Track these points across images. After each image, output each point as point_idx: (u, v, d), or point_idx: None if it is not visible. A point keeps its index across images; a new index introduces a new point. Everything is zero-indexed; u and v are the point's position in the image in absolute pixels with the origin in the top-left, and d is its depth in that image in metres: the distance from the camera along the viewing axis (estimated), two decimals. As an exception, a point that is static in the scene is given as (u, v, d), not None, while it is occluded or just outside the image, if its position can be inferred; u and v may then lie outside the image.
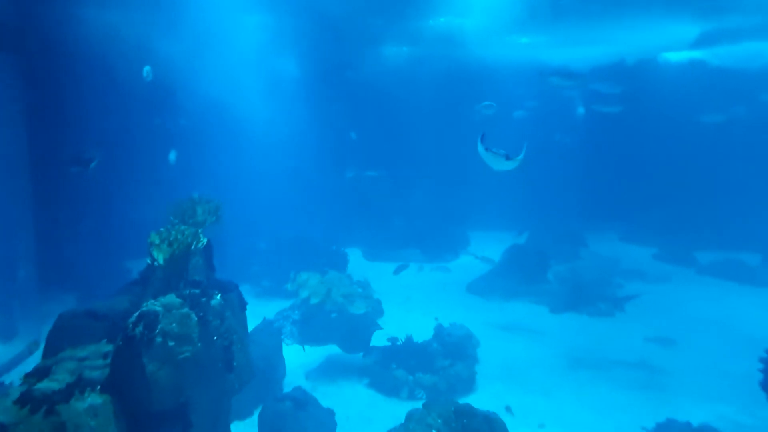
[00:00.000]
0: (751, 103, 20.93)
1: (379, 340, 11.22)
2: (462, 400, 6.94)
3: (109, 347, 5.51)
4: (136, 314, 5.27)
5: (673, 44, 22.18)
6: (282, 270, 14.75)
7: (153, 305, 5.39)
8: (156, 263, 6.11)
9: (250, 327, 7.67)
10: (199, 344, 5.46)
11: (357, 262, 18.70)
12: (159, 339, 5.17)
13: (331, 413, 8.92)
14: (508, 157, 7.51)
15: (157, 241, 6.08)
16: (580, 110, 20.09)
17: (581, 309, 15.01)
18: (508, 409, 9.40)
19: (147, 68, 13.31)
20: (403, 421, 6.48)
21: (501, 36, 21.14)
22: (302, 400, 8.56)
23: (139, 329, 5.13)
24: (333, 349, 11.47)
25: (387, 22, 19.70)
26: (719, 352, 11.94)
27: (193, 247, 6.18)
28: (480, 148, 7.65)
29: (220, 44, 18.37)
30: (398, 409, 8.58)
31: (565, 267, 17.35)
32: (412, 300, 15.42)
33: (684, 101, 21.89)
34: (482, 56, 23.38)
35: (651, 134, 23.12)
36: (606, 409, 9.68)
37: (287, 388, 9.61)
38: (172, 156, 15.12)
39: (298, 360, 11.28)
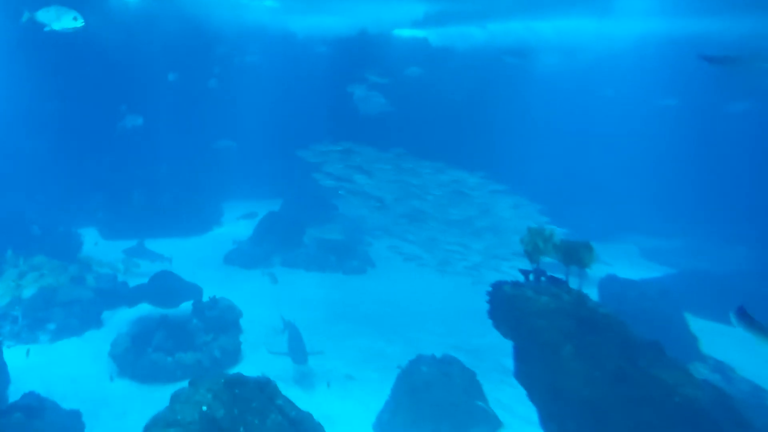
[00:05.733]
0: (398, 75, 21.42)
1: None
2: (231, 372, 6.68)
3: None
4: None
5: (404, 22, 24.03)
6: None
7: None
8: None
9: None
10: None
11: (94, 243, 16.49)
12: None
13: (76, 415, 7.79)
14: None
15: None
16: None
17: (336, 268, 15.88)
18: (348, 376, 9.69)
19: None
20: (168, 405, 5.94)
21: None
22: (36, 408, 7.35)
23: None
24: (71, 344, 9.98)
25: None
26: (455, 295, 13.51)
27: None
28: None
29: None
30: (159, 394, 7.89)
31: (319, 229, 17.98)
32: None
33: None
34: (221, 16, 22.23)
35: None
36: (366, 356, 10.48)
37: (14, 397, 8.04)
38: None
39: (27, 363, 9.63)
